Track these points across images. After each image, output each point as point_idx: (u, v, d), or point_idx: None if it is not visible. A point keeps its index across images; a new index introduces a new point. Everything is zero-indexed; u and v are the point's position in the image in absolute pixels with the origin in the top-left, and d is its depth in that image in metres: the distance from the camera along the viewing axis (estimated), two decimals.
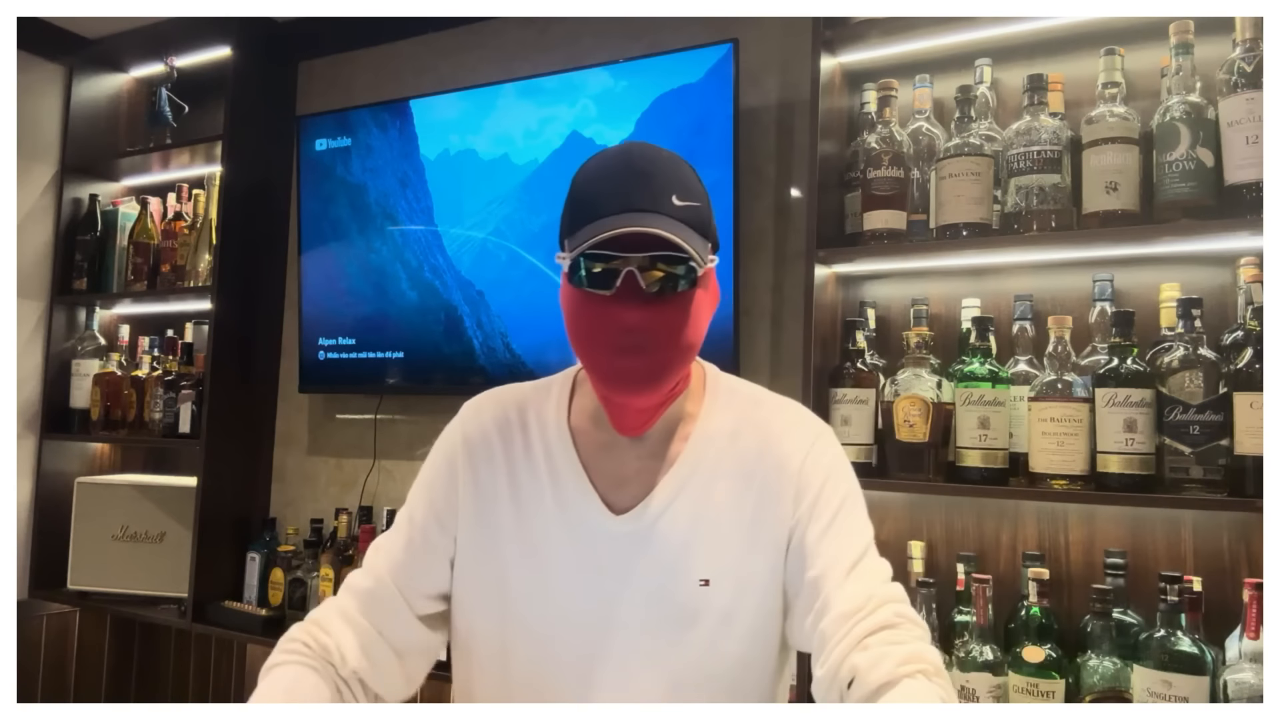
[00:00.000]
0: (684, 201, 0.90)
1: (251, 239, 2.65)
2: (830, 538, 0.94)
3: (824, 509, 0.96)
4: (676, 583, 0.95)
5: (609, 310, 0.90)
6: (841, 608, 0.89)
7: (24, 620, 2.67)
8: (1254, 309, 1.48)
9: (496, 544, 1.00)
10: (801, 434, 1.01)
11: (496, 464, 1.03)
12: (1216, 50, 1.58)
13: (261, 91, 2.69)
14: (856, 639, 0.86)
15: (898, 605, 0.88)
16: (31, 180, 2.83)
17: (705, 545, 0.96)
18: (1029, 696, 1.49)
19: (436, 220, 2.37)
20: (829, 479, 0.98)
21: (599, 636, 0.96)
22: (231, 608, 2.43)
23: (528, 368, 2.22)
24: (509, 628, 0.99)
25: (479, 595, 1.01)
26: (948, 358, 1.78)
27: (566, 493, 0.99)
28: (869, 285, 1.95)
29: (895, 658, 0.82)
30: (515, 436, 1.04)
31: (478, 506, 1.02)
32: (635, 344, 0.90)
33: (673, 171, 0.92)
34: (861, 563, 0.93)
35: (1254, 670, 1.35)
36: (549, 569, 0.98)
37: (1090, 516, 1.69)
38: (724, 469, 0.99)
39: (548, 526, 0.99)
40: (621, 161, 0.92)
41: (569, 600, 0.97)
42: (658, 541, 0.96)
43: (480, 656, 1.01)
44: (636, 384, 0.92)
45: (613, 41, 2.29)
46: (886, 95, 1.81)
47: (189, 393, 2.61)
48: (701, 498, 0.98)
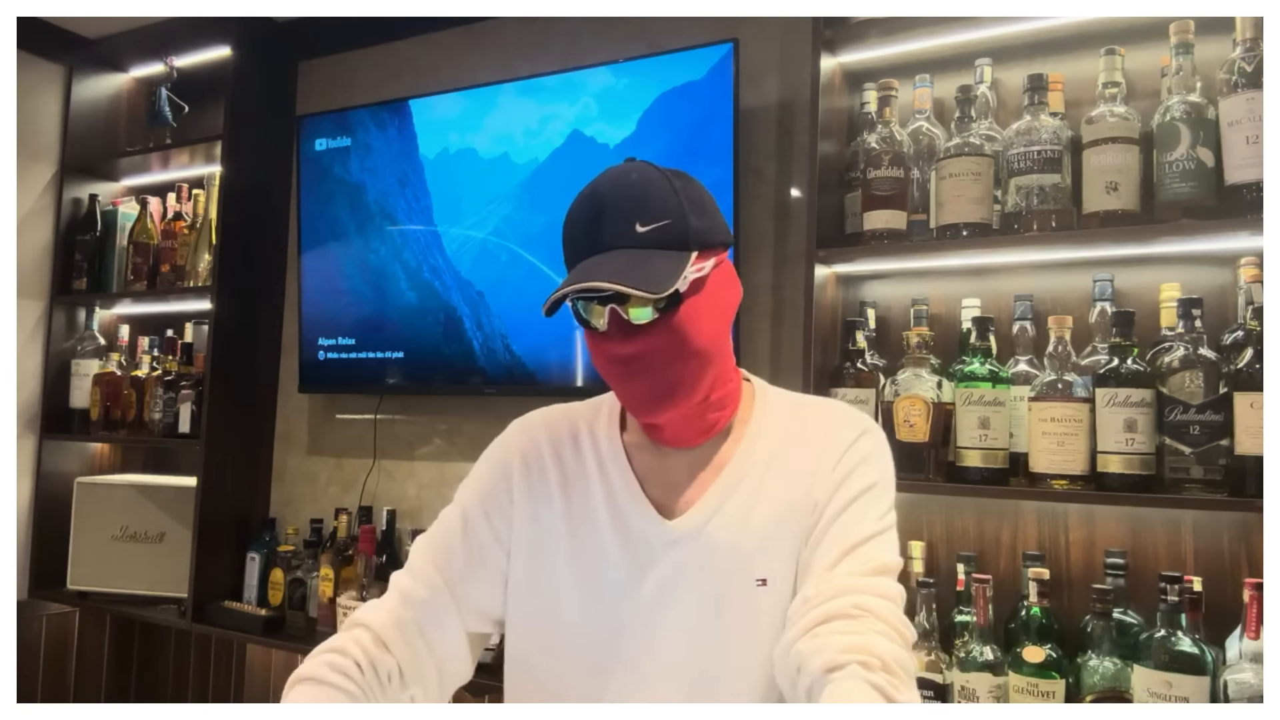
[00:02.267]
0: (648, 225, 0.91)
1: (251, 239, 2.65)
2: (841, 521, 0.94)
3: (845, 494, 0.95)
4: (734, 584, 0.95)
5: (606, 346, 0.94)
6: (806, 591, 0.89)
7: (24, 620, 2.67)
8: (1254, 309, 1.48)
9: (551, 563, 1.01)
10: (847, 429, 1.00)
11: (549, 479, 1.04)
12: (1216, 50, 1.58)
13: (261, 91, 2.69)
14: (806, 626, 0.85)
15: (861, 597, 0.86)
16: (31, 180, 2.83)
17: (760, 545, 0.95)
18: (1029, 696, 1.49)
19: (436, 220, 2.37)
20: (860, 466, 0.97)
21: (653, 643, 0.95)
22: (231, 608, 2.43)
23: (528, 369, 2.22)
24: (562, 645, 0.99)
25: (533, 614, 1.01)
26: (948, 358, 1.78)
27: (620, 503, 1.00)
28: (869, 285, 1.95)
29: (837, 646, 0.81)
30: (567, 452, 1.05)
31: (533, 521, 1.03)
32: (632, 372, 0.93)
33: (636, 196, 0.92)
34: (860, 549, 0.91)
35: (1254, 670, 1.35)
36: (602, 584, 0.98)
37: (1090, 516, 1.69)
38: (775, 467, 0.99)
39: (602, 540, 0.99)
40: (587, 197, 0.94)
41: (621, 611, 0.97)
42: (713, 544, 0.96)
43: (532, 674, 1.01)
44: (651, 404, 0.94)
45: (613, 41, 2.29)
46: (886, 95, 1.81)
47: (189, 393, 2.61)
48: (754, 497, 0.97)
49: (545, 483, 1.04)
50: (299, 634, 2.36)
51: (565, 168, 2.17)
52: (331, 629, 2.21)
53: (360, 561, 2.27)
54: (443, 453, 2.45)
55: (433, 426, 2.47)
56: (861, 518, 0.94)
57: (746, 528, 0.96)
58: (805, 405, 1.06)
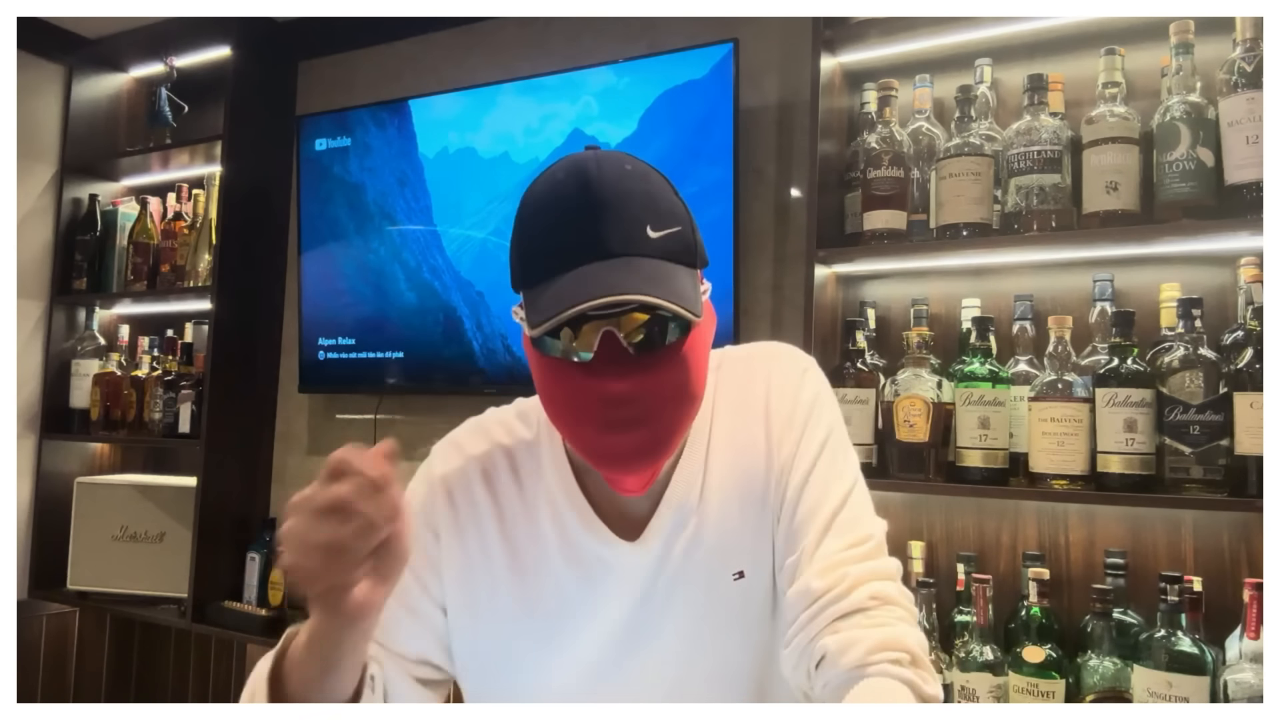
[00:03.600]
0: (661, 231, 0.76)
1: (251, 239, 2.65)
2: (810, 485, 0.85)
3: (805, 455, 0.86)
4: (711, 586, 0.86)
5: (588, 382, 0.77)
6: (812, 584, 0.80)
7: (24, 620, 2.67)
8: (1254, 309, 1.48)
9: (497, 614, 0.89)
10: (786, 380, 0.90)
11: (483, 516, 0.90)
12: (1216, 50, 1.58)
13: (261, 91, 2.69)
14: (827, 621, 0.78)
15: (874, 585, 0.79)
16: (31, 180, 2.83)
17: (730, 538, 0.87)
18: (1029, 696, 1.49)
19: (435, 220, 2.36)
20: (811, 417, 0.88)
21: (627, 664, 0.87)
22: (231, 608, 2.43)
23: (527, 371, 2.20)
24: (521, 689, 0.89)
25: (485, 672, 0.90)
26: (948, 358, 1.78)
27: (570, 530, 0.87)
28: (869, 285, 1.95)
29: (867, 643, 0.76)
30: (505, 482, 0.91)
31: (466, 569, 0.89)
32: (627, 418, 0.77)
33: (644, 191, 0.77)
34: (840, 516, 0.83)
35: (1254, 670, 1.35)
36: (565, 625, 0.87)
37: (1090, 516, 1.69)
38: (725, 451, 0.89)
39: (556, 575, 0.88)
40: (578, 189, 0.76)
41: (585, 639, 0.87)
42: (681, 552, 0.86)
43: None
44: (633, 462, 0.80)
45: (612, 42, 2.29)
46: (886, 95, 1.81)
47: (189, 393, 2.61)
48: (712, 492, 0.88)
49: (478, 521, 0.90)
50: None
51: None
52: None
53: None
54: None
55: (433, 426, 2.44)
56: (829, 478, 0.85)
57: (711, 524, 0.87)
58: (735, 368, 0.93)
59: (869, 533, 0.84)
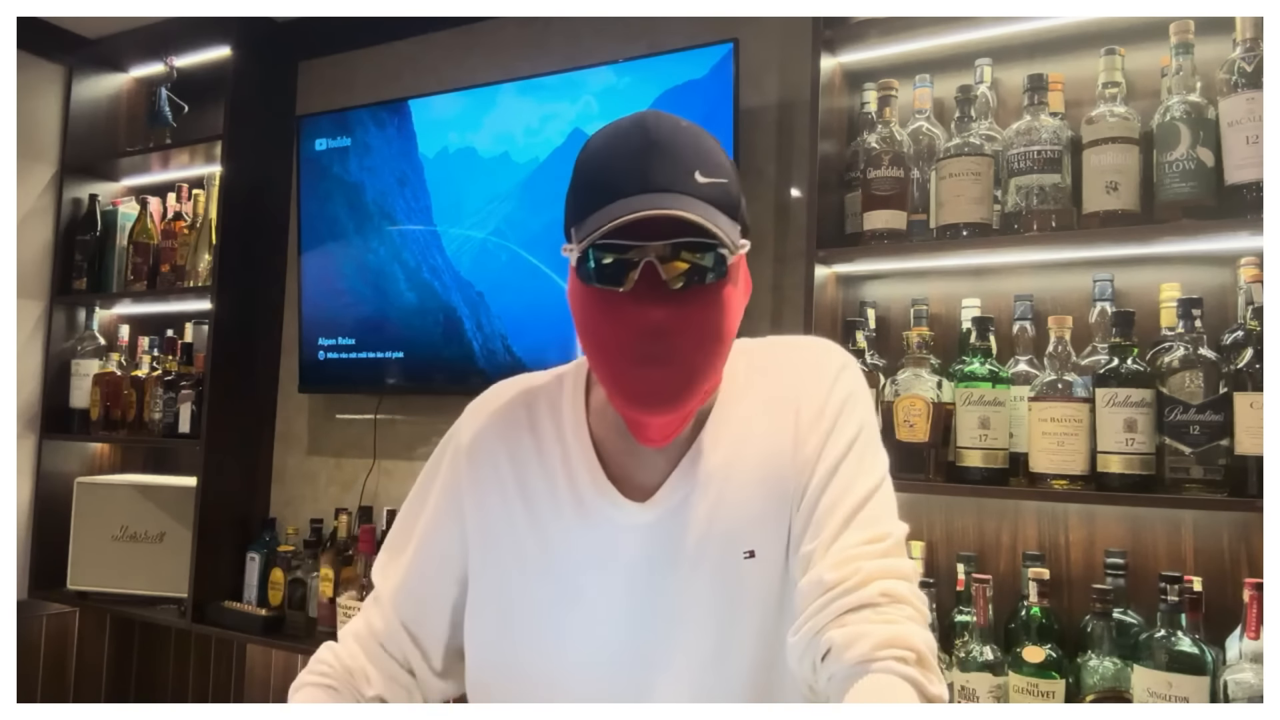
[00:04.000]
0: (709, 178, 0.79)
1: (251, 239, 2.65)
2: (836, 479, 0.85)
3: (834, 449, 0.87)
4: (720, 560, 0.86)
5: (626, 310, 0.80)
6: (825, 575, 0.80)
7: (24, 620, 2.67)
8: (1254, 309, 1.48)
9: (509, 571, 0.92)
10: (823, 373, 0.91)
11: (504, 476, 0.93)
12: (1216, 50, 1.58)
13: (261, 91, 2.69)
14: (836, 613, 0.78)
15: (886, 582, 0.79)
16: (31, 180, 2.83)
17: (744, 516, 0.87)
18: (1029, 696, 1.49)
19: (435, 220, 2.36)
20: (843, 413, 0.88)
21: (635, 637, 0.88)
22: (231, 608, 2.43)
23: (527, 371, 2.20)
24: (539, 651, 0.90)
25: (502, 625, 0.92)
26: (948, 358, 1.78)
27: (582, 491, 0.90)
28: (869, 285, 1.95)
29: (874, 639, 0.76)
30: (524, 440, 0.94)
31: (486, 530, 0.93)
32: (659, 352, 0.80)
33: (696, 144, 0.81)
34: (862, 513, 0.84)
35: (1254, 670, 1.35)
36: (575, 580, 0.89)
37: (1090, 516, 1.69)
38: (751, 431, 0.90)
39: (567, 532, 0.90)
40: (636, 134, 0.80)
41: (598, 608, 0.88)
42: (690, 523, 0.87)
43: (497, 693, 0.93)
44: (660, 400, 0.82)
45: (612, 42, 2.29)
46: (886, 95, 1.81)
47: (189, 393, 2.61)
48: (730, 466, 0.88)
49: (500, 482, 0.93)
50: (299, 634, 2.36)
51: (566, 167, 2.14)
52: (331, 629, 2.21)
53: (360, 561, 2.27)
54: None
55: (433, 426, 2.47)
56: (855, 474, 0.86)
57: (725, 500, 0.88)
58: (771, 354, 0.95)
59: (888, 531, 0.84)
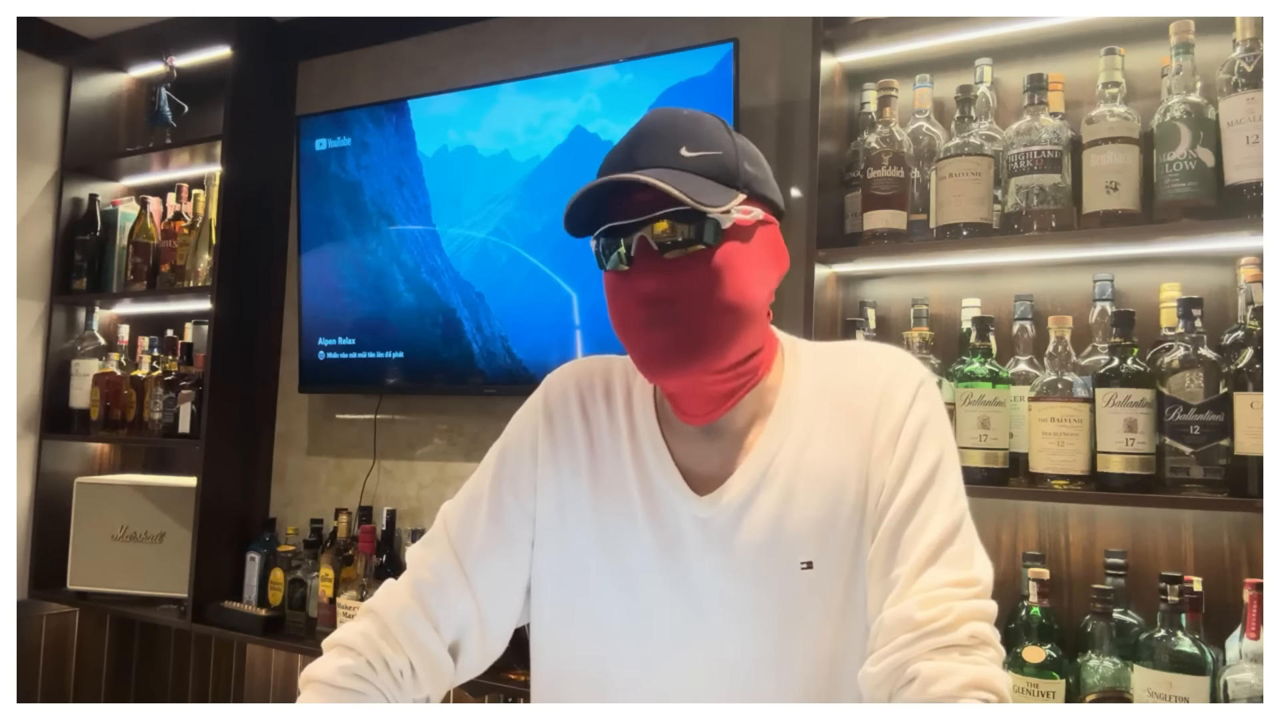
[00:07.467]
0: (696, 151, 0.82)
1: (251, 239, 2.65)
2: (919, 514, 0.85)
3: (914, 478, 0.86)
4: (775, 567, 0.87)
5: (630, 285, 0.84)
6: (915, 614, 0.80)
7: (24, 620, 2.67)
8: (1254, 309, 1.48)
9: (578, 535, 0.95)
10: (900, 391, 0.90)
11: (577, 441, 0.97)
12: (1216, 50, 1.58)
13: (261, 91, 2.69)
14: (925, 650, 0.79)
15: (975, 625, 0.80)
16: (31, 180, 2.83)
17: (804, 526, 0.87)
18: (1029, 696, 1.49)
19: (434, 219, 2.36)
20: (923, 437, 0.87)
21: (687, 630, 0.89)
22: (231, 608, 2.43)
23: (529, 373, 2.20)
24: (593, 624, 0.93)
25: (561, 592, 0.96)
26: (948, 358, 1.78)
27: (650, 472, 0.92)
28: (869, 285, 1.95)
29: (961, 678, 0.77)
30: (599, 406, 0.98)
31: (557, 489, 0.96)
32: (660, 315, 0.83)
33: (690, 125, 0.85)
34: (948, 551, 0.83)
35: (1254, 670, 1.35)
36: (631, 562, 0.91)
37: (1090, 516, 1.69)
38: (816, 437, 0.90)
39: (632, 512, 0.92)
40: (636, 127, 0.86)
41: (654, 594, 0.90)
42: (750, 524, 0.88)
43: (567, 654, 0.96)
44: (670, 360, 0.83)
45: (613, 42, 2.29)
46: (886, 95, 1.81)
47: (189, 393, 2.61)
48: (794, 473, 0.88)
49: (572, 446, 0.97)
50: (299, 634, 2.36)
51: (567, 165, 2.15)
52: (331, 629, 2.20)
53: (360, 561, 2.27)
54: (442, 453, 2.45)
55: (433, 426, 2.47)
56: (937, 506, 0.85)
57: (788, 507, 0.88)
58: (843, 361, 0.95)
59: (978, 576, 0.84)
